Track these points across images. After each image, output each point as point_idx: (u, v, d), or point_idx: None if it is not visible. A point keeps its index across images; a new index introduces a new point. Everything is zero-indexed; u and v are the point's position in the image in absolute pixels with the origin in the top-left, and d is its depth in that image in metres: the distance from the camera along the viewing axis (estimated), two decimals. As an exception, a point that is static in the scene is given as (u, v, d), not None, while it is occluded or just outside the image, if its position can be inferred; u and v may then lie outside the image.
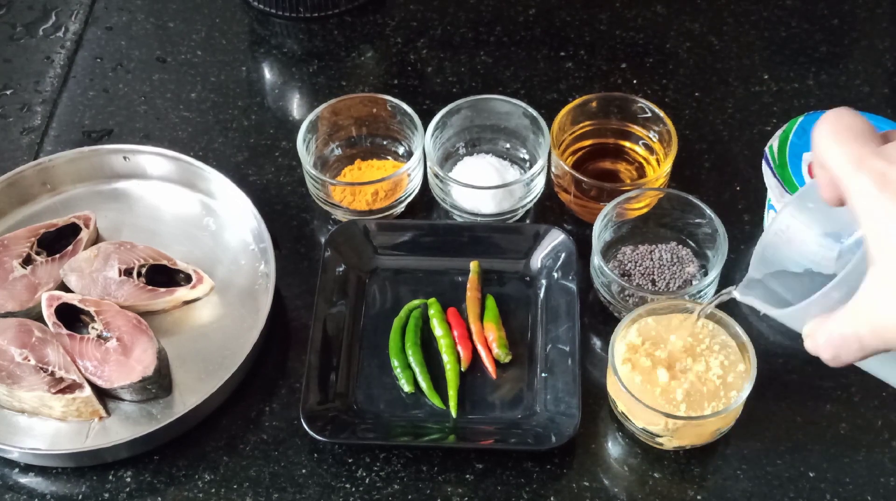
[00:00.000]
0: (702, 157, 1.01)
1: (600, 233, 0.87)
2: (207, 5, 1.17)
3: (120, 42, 1.14)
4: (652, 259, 0.90)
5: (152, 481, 0.82)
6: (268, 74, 1.12)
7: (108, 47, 1.13)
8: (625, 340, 0.80)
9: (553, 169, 0.95)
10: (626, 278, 0.89)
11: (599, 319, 0.90)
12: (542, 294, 0.90)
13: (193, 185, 0.98)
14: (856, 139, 0.59)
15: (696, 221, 0.89)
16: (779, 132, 0.91)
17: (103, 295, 0.89)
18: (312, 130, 0.96)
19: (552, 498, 0.80)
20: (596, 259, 0.86)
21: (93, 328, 0.87)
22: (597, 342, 0.89)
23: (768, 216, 0.92)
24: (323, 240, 0.93)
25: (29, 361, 0.84)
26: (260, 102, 1.08)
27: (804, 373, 0.86)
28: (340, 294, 0.90)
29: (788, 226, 0.64)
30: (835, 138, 0.59)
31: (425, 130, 0.95)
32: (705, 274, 0.88)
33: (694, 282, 0.88)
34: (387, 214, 0.96)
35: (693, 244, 0.90)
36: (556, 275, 0.90)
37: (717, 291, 0.87)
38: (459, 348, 0.87)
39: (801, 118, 0.92)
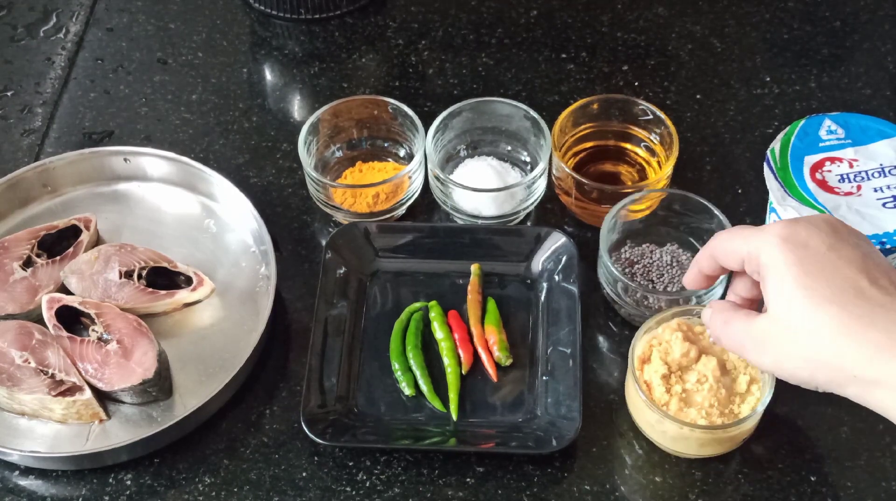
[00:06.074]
0: (703, 159, 1.01)
1: (608, 231, 0.87)
2: (208, 7, 1.17)
3: (121, 43, 1.14)
4: (652, 259, 0.90)
5: (152, 484, 0.82)
6: (269, 75, 1.12)
7: (109, 49, 1.13)
8: (646, 354, 0.80)
9: (554, 171, 0.94)
10: (628, 275, 0.89)
11: (601, 322, 0.90)
12: (543, 297, 0.90)
13: (194, 187, 0.98)
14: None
15: (698, 215, 0.89)
16: (780, 135, 0.91)
17: (104, 297, 0.89)
18: (313, 132, 0.96)
19: (553, 502, 0.80)
20: (604, 257, 0.86)
21: (93, 330, 0.86)
22: (598, 345, 0.89)
23: (770, 219, 0.92)
24: (324, 242, 0.93)
25: (29, 363, 0.84)
26: (261, 103, 1.08)
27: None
28: (341, 297, 0.90)
29: None
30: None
31: (426, 132, 0.95)
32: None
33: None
34: (388, 216, 0.95)
35: (698, 245, 0.90)
36: (557, 278, 0.90)
37: (726, 291, 0.87)
38: (460, 351, 0.87)
39: (802, 121, 0.92)
